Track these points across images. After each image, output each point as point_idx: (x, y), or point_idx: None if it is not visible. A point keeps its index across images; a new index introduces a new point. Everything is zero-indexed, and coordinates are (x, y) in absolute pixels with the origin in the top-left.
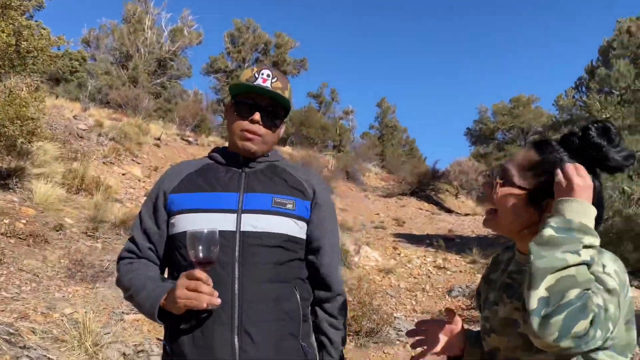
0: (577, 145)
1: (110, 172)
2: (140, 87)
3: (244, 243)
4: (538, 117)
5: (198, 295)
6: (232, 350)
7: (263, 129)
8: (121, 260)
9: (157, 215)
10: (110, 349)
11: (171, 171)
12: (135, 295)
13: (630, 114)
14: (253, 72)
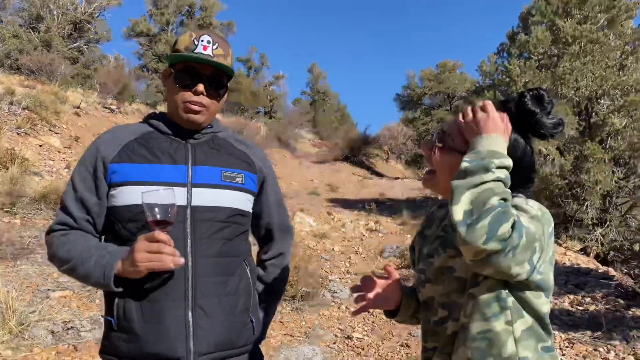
0: (513, 111)
1: (25, 143)
2: (55, 51)
3: (195, 218)
4: (463, 83)
5: (161, 257)
6: (185, 325)
7: (207, 99)
8: (52, 232)
9: (97, 184)
10: (37, 328)
11: (107, 137)
12: (80, 265)
13: (547, 79)
14: (192, 38)
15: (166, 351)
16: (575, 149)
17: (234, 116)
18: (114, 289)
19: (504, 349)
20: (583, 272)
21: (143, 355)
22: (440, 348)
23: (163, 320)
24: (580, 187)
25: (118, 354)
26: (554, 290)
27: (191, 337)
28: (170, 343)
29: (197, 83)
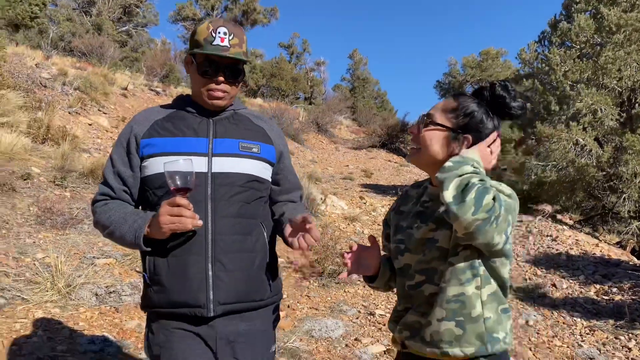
0: (487, 96)
1: (76, 122)
2: (105, 34)
3: (215, 183)
4: (506, 70)
5: (181, 219)
6: (206, 276)
7: (227, 86)
8: (96, 202)
9: (130, 159)
10: (82, 290)
11: (139, 117)
12: (117, 229)
13: (588, 68)
14: (209, 31)
15: (190, 300)
16: (615, 141)
17: (275, 101)
18: (144, 248)
19: (473, 310)
20: (613, 263)
21: (170, 303)
22: (415, 307)
23: (186, 272)
24: (619, 179)
25: (152, 305)
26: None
27: (211, 287)
28: (193, 293)
29: (218, 73)
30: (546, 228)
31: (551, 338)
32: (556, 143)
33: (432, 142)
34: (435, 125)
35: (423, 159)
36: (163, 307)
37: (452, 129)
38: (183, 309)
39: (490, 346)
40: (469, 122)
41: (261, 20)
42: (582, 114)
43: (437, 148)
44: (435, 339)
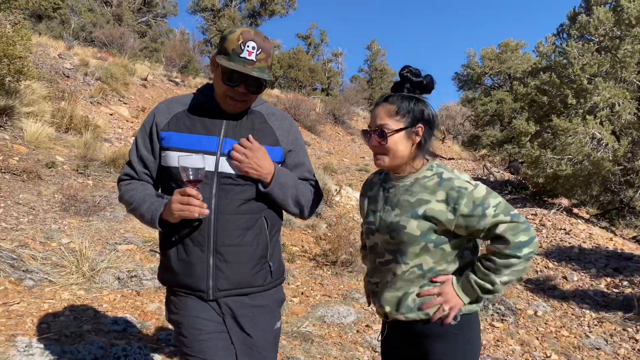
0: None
1: (97, 112)
2: (125, 25)
3: (220, 182)
4: (525, 63)
5: (190, 207)
6: (207, 266)
7: (247, 94)
8: (121, 181)
9: (152, 146)
10: (105, 274)
11: (162, 106)
12: (138, 207)
13: (606, 62)
14: (239, 42)
15: (193, 284)
16: (632, 135)
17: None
18: (159, 228)
19: None
20: (625, 257)
21: (176, 284)
22: (388, 283)
23: (191, 260)
24: (635, 173)
25: (164, 282)
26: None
27: (211, 276)
28: (196, 278)
29: (240, 84)
30: (560, 221)
31: (559, 328)
32: (572, 137)
33: (397, 145)
34: (393, 131)
35: (395, 162)
36: (172, 286)
37: (406, 127)
38: (189, 290)
39: (463, 307)
40: (414, 115)
41: (279, 10)
42: (600, 107)
43: (402, 148)
44: (417, 304)
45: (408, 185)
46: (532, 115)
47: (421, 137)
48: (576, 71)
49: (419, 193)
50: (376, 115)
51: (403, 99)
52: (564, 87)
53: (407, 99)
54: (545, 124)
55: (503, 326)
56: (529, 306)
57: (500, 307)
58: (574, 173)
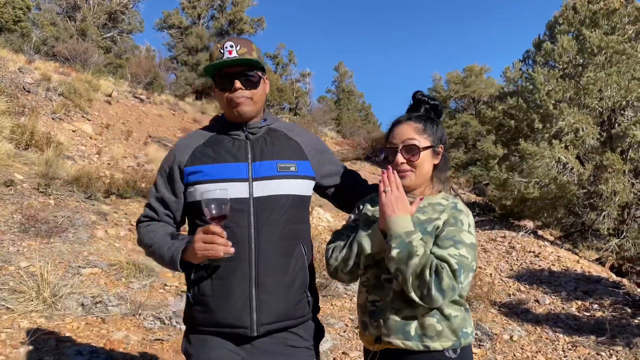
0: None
1: (60, 128)
2: (89, 40)
3: (257, 207)
4: (489, 87)
5: (214, 247)
6: (249, 298)
7: (247, 91)
8: (140, 223)
9: (174, 187)
10: (68, 300)
11: (181, 144)
12: (157, 249)
13: (570, 88)
14: (218, 50)
15: (234, 321)
16: (595, 159)
17: None
18: (180, 270)
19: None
20: (593, 279)
21: (215, 324)
22: (389, 302)
23: (231, 295)
24: (598, 197)
25: (195, 323)
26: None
27: (254, 309)
28: (237, 314)
29: (233, 82)
30: (529, 244)
31: (535, 354)
32: (539, 160)
33: (424, 163)
34: (424, 149)
35: (419, 181)
36: (207, 326)
37: (432, 146)
38: (227, 329)
39: (462, 340)
40: (437, 135)
41: (247, 30)
42: (565, 132)
43: (427, 167)
44: (419, 333)
45: (421, 207)
46: (500, 138)
47: (440, 159)
48: (542, 96)
49: (430, 214)
50: (402, 133)
51: (427, 119)
52: (530, 111)
53: (430, 120)
54: (513, 147)
55: (481, 352)
56: (504, 331)
57: (477, 332)
58: (540, 196)
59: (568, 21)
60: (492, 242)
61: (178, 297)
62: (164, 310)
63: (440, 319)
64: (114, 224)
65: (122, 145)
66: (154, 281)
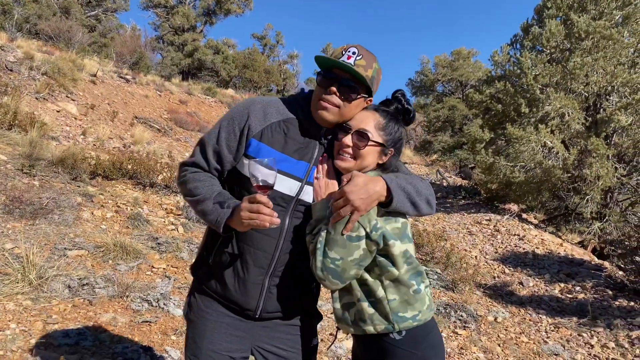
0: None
1: (44, 108)
2: (73, 18)
3: (296, 209)
4: (476, 71)
5: (260, 216)
6: (261, 287)
7: (338, 100)
8: (185, 166)
9: (237, 148)
10: (55, 282)
11: (258, 109)
12: (202, 203)
13: (557, 72)
14: (342, 50)
15: (242, 302)
16: (580, 144)
17: (247, 93)
18: (221, 233)
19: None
20: (576, 262)
21: (223, 295)
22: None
23: (247, 280)
24: (582, 181)
25: (207, 286)
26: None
27: (263, 297)
28: (247, 297)
29: (332, 84)
30: (514, 227)
31: (519, 334)
32: (525, 144)
33: (369, 155)
34: (374, 143)
35: (356, 167)
36: (216, 294)
37: (384, 145)
38: (233, 305)
39: (396, 324)
40: (394, 137)
41: (235, 10)
42: (551, 117)
43: (371, 160)
44: (355, 318)
45: None
46: (487, 122)
47: (387, 160)
48: (529, 81)
49: None
50: (362, 119)
51: (392, 118)
52: (517, 96)
53: (394, 120)
54: (499, 131)
55: (466, 333)
56: (489, 312)
57: (462, 314)
58: (526, 180)
59: (556, 5)
60: (478, 225)
61: (166, 279)
62: (151, 292)
63: (375, 302)
64: (100, 206)
65: (108, 126)
66: (141, 263)
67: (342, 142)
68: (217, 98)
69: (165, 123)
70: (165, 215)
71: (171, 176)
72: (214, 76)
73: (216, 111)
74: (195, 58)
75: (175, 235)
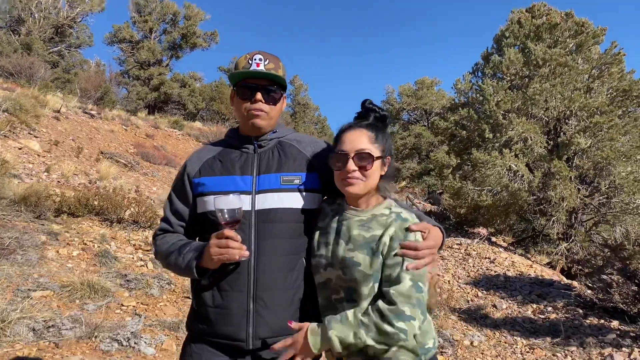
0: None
1: (5, 146)
2: (35, 54)
3: (259, 220)
4: (440, 99)
5: (228, 250)
6: (246, 312)
7: (266, 105)
8: (156, 237)
9: (185, 197)
10: (18, 325)
11: (193, 157)
12: (174, 260)
13: (518, 99)
14: (247, 59)
15: (231, 333)
16: (543, 167)
17: (215, 125)
18: (196, 277)
19: None
20: (546, 283)
21: (212, 334)
22: None
23: (229, 306)
24: (548, 203)
25: (195, 330)
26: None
27: (251, 323)
28: (234, 326)
29: (254, 93)
30: (484, 250)
31: (495, 357)
32: (491, 169)
33: (374, 172)
34: (376, 158)
35: (367, 189)
36: (206, 336)
37: (382, 156)
38: (224, 340)
39: (423, 357)
40: (387, 145)
41: (201, 44)
42: (514, 141)
43: (376, 175)
44: (378, 354)
45: (365, 220)
46: (453, 148)
47: (387, 169)
48: (492, 107)
49: (375, 230)
50: (355, 140)
51: (377, 128)
52: (481, 122)
53: (380, 129)
54: (465, 156)
55: (443, 358)
56: (465, 337)
57: (439, 339)
58: (493, 203)
59: (514, 35)
60: (449, 249)
61: (136, 317)
62: (121, 331)
63: None
64: (65, 244)
65: (73, 162)
66: (110, 302)
67: (346, 168)
68: (185, 131)
69: (132, 157)
70: (134, 252)
71: (139, 211)
72: (181, 109)
73: (183, 144)
74: (162, 92)
75: (144, 271)
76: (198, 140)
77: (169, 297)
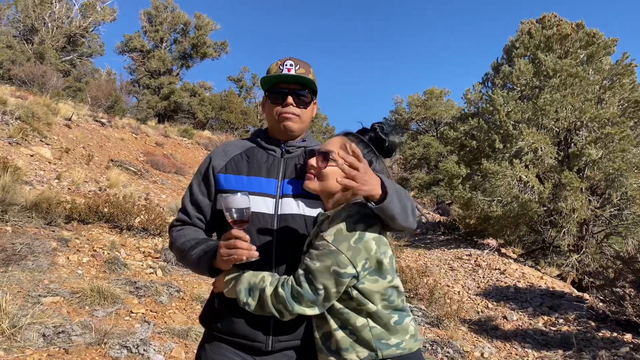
0: (372, 137)
1: (17, 153)
2: (48, 63)
3: (281, 224)
4: (449, 110)
5: (237, 251)
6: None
7: (297, 109)
8: (172, 227)
9: (208, 189)
10: (28, 330)
11: (219, 150)
12: (189, 256)
13: (528, 109)
14: (278, 65)
15: (250, 334)
16: (554, 178)
17: (224, 134)
18: (209, 276)
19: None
20: (557, 295)
21: (231, 333)
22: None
23: None
24: (558, 214)
25: (213, 328)
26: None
27: (271, 326)
28: (254, 328)
29: (286, 97)
30: (494, 261)
31: None
32: (501, 179)
33: (330, 177)
34: (334, 164)
35: (319, 189)
36: (224, 334)
37: None
38: (242, 340)
39: (379, 351)
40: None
41: (211, 53)
42: (524, 152)
43: (334, 183)
44: (338, 346)
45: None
46: (462, 158)
47: None
48: (502, 117)
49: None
50: (330, 142)
51: (362, 144)
52: (491, 132)
53: (364, 146)
54: (475, 167)
55: None
56: (475, 348)
57: (449, 350)
58: (503, 214)
59: (524, 45)
60: (459, 260)
61: (145, 324)
62: (130, 338)
63: (354, 330)
64: (76, 250)
65: (83, 170)
66: (119, 308)
67: (309, 163)
68: (194, 140)
69: (142, 165)
70: (143, 259)
71: (148, 219)
72: (191, 118)
73: (193, 153)
74: (172, 101)
75: (153, 278)
76: (207, 149)
77: (178, 305)
